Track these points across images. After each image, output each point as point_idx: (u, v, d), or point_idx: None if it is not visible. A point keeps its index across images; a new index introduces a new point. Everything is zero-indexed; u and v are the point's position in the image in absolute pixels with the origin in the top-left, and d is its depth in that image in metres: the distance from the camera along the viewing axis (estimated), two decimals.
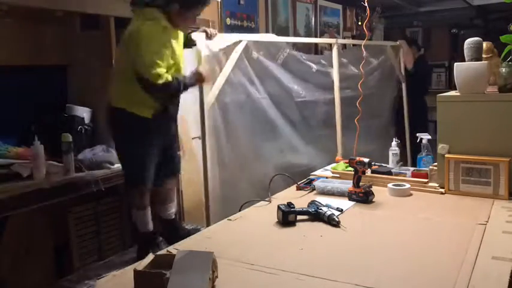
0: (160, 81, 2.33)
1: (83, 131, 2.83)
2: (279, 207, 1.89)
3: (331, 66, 3.78)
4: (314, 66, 3.68)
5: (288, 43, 3.58)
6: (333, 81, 3.78)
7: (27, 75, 2.87)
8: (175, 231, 2.74)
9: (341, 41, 4.24)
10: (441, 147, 2.27)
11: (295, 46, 3.85)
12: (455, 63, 2.28)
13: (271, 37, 3.57)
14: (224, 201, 2.89)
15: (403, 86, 4.94)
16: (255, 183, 3.14)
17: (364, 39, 3.59)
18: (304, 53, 3.84)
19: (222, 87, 2.87)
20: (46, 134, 2.57)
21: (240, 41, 2.96)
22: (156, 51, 2.35)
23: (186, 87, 2.50)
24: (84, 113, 2.92)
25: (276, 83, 3.33)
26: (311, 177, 2.58)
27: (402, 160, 2.89)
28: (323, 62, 3.79)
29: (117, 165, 2.72)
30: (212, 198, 2.80)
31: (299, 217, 1.89)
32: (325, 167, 2.86)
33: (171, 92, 2.45)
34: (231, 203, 2.88)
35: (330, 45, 3.92)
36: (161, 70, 2.34)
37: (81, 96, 3.06)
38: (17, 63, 2.82)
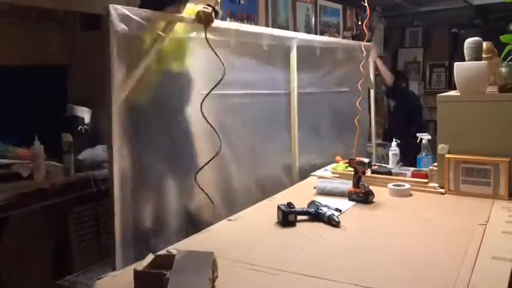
0: None
1: (83, 131, 2.83)
2: (279, 207, 1.89)
3: None
4: None
5: None
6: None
7: (27, 75, 2.87)
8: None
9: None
10: (441, 147, 2.26)
11: None
12: (455, 63, 2.28)
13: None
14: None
15: (372, 92, 4.27)
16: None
17: (364, 39, 3.59)
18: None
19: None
20: (46, 134, 2.57)
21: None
22: None
23: None
24: (84, 113, 2.92)
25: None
26: None
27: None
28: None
29: None
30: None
31: (299, 217, 1.89)
32: (325, 167, 2.85)
33: None
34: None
35: None
36: None
37: (81, 96, 3.06)
38: (18, 63, 2.82)
